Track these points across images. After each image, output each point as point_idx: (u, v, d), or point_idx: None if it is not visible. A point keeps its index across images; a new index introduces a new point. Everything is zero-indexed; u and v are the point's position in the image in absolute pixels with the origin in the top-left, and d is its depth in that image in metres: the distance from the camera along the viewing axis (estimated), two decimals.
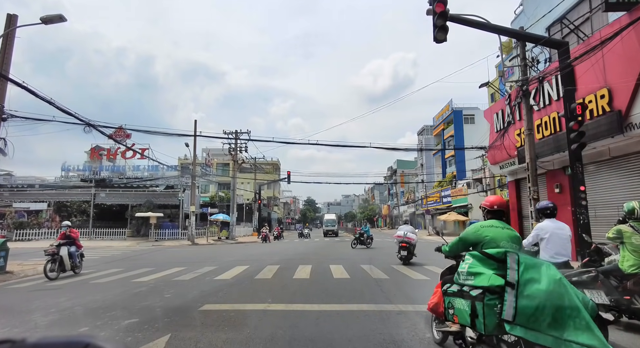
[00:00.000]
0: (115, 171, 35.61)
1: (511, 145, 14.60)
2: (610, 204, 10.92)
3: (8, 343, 0.68)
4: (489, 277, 2.98)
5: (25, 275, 10.49)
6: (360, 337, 4.50)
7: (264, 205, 51.15)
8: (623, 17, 9.46)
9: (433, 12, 8.89)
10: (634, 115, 9.47)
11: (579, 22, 12.35)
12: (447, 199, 41.64)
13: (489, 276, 2.99)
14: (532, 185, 11.36)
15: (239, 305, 6.25)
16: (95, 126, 15.69)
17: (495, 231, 3.30)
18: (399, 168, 72.34)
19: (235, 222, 32.62)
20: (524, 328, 2.68)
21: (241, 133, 32.01)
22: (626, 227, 4.79)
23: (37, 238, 28.17)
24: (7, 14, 11.56)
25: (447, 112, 48.80)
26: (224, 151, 33.86)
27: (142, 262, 13.64)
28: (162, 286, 8.27)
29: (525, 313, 2.68)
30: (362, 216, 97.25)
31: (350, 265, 11.76)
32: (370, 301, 6.43)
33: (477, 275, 3.08)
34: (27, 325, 5.20)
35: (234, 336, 4.54)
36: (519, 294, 2.74)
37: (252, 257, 15.25)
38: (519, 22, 15.19)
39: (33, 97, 11.64)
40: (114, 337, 4.53)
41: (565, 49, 9.85)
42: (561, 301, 2.71)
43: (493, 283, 2.91)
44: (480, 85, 16.05)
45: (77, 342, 0.69)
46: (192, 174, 28.74)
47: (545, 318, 2.67)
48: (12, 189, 33.51)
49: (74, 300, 6.83)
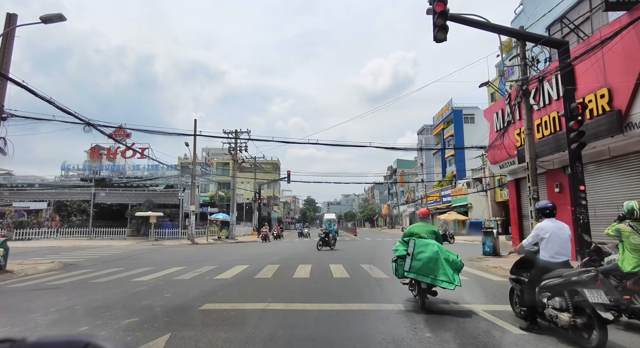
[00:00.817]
0: (115, 171, 35.62)
1: (511, 145, 14.60)
2: (610, 203, 10.92)
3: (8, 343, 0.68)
4: (400, 251, 6.16)
5: (25, 274, 10.48)
6: (360, 336, 4.51)
7: (264, 205, 51.16)
8: (623, 16, 9.46)
9: (433, 12, 8.89)
10: (634, 114, 9.47)
11: (579, 22, 12.34)
12: (447, 199, 41.69)
13: (400, 251, 6.16)
14: (532, 185, 11.36)
15: (239, 305, 6.26)
16: (95, 126, 15.68)
17: (419, 228, 6.22)
18: (398, 167, 72.36)
19: (235, 221, 32.62)
20: (415, 274, 5.74)
21: (241, 132, 32.00)
22: (625, 226, 4.80)
23: (37, 238, 28.18)
24: (7, 13, 11.54)
25: (447, 112, 48.81)
26: (224, 150, 33.88)
27: (142, 261, 13.65)
28: (162, 285, 8.27)
29: (415, 267, 5.72)
30: (362, 216, 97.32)
31: (350, 264, 11.77)
32: (370, 301, 6.43)
33: (397, 250, 6.28)
34: (27, 324, 5.20)
35: (234, 335, 4.55)
36: (412, 259, 5.75)
37: (252, 256, 15.25)
38: (519, 21, 15.19)
39: (33, 96, 11.64)
40: (114, 336, 4.54)
41: (565, 49, 9.85)
42: (435, 263, 5.61)
43: (401, 254, 6.10)
44: (480, 84, 16.04)
45: (77, 341, 0.69)
46: (192, 174, 28.73)
47: (426, 270, 5.63)
48: (12, 188, 33.51)
49: (74, 299, 6.83)
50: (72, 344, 0.69)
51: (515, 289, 5.30)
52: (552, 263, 4.59)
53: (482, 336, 4.51)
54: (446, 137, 49.42)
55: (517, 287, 5.24)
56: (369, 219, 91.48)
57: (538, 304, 4.59)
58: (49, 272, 11.03)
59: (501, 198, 30.86)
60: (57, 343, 0.70)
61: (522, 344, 4.20)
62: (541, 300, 4.55)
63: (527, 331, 4.59)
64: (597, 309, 3.85)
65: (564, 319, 4.13)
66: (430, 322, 5.10)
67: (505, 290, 6.29)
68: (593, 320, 3.93)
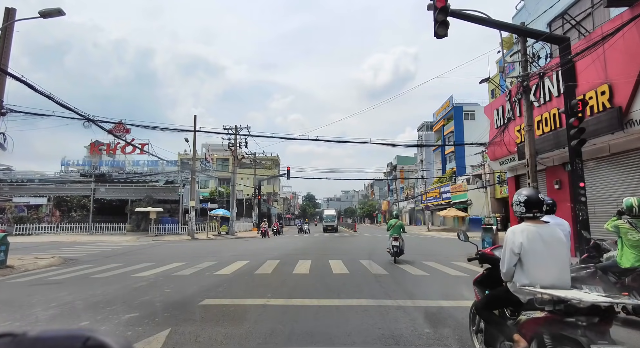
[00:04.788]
0: (115, 166, 35.54)
1: (511, 141, 14.58)
2: (610, 200, 10.93)
3: (9, 337, 0.67)
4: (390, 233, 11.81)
5: (25, 269, 10.51)
6: (359, 331, 4.53)
7: (264, 201, 51.21)
8: (625, 12, 9.41)
9: (434, 7, 8.84)
10: (635, 111, 9.45)
11: (581, 18, 12.28)
12: (447, 195, 41.72)
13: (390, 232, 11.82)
14: (532, 181, 11.35)
15: (239, 300, 6.28)
16: (94, 121, 15.65)
17: (394, 222, 11.97)
18: (398, 163, 72.33)
19: (235, 217, 32.67)
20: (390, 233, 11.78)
21: (241, 128, 31.98)
22: (623, 223, 4.80)
23: (37, 233, 28.21)
24: (5, 7, 11.47)
25: (447, 108, 48.73)
26: (224, 146, 33.82)
27: (142, 257, 13.68)
28: (162, 281, 8.30)
29: (391, 233, 11.70)
30: (361, 212, 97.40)
31: (350, 260, 11.80)
32: (370, 297, 6.46)
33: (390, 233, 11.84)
34: (27, 319, 5.22)
35: (234, 330, 4.57)
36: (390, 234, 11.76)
37: (251, 252, 15.29)
38: (520, 17, 15.10)
39: (32, 91, 11.60)
40: (114, 331, 4.56)
41: (566, 45, 9.80)
42: (397, 230, 11.65)
43: (392, 234, 11.62)
44: (480, 81, 15.99)
45: (77, 335, 0.69)
46: (191, 170, 28.73)
47: (393, 232, 11.64)
48: (11, 183, 33.48)
49: (74, 294, 6.85)
50: (73, 338, 0.68)
51: None
52: None
53: None
54: (446, 133, 49.37)
55: None
56: (369, 215, 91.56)
57: None
58: (50, 267, 11.06)
59: (501, 195, 30.89)
60: (58, 338, 0.70)
61: None
62: None
63: None
64: None
65: None
66: (429, 317, 5.12)
67: None
68: None
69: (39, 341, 0.69)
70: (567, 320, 2.37)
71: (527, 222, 2.89)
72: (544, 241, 2.80)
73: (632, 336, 4.49)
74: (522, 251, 2.80)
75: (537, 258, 2.77)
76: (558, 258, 2.80)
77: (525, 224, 2.90)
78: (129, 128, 29.72)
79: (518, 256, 2.82)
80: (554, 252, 2.79)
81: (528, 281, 2.75)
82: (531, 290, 2.63)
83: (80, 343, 0.67)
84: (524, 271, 2.80)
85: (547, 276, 2.73)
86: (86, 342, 0.67)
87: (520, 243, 2.80)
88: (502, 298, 3.02)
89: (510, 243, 2.86)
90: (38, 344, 0.68)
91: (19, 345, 0.67)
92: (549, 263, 2.77)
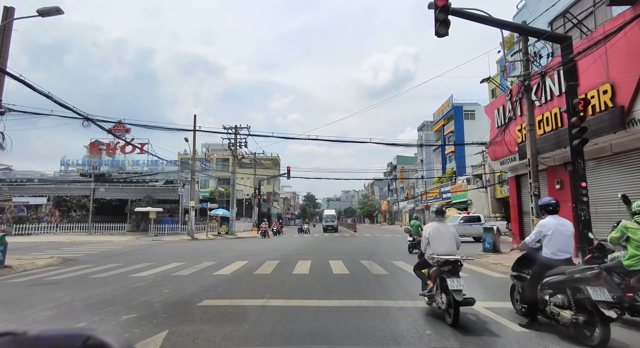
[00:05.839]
0: (114, 166, 35.48)
1: (512, 141, 14.53)
2: (611, 200, 10.87)
3: (10, 336, 0.68)
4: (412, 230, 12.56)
5: (24, 269, 10.46)
6: (359, 332, 4.47)
7: (264, 200, 51.17)
8: (627, 11, 9.36)
9: (435, 6, 8.79)
10: (637, 111, 9.40)
11: (582, 17, 12.23)
12: (447, 195, 41.65)
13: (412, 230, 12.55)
14: (533, 181, 11.30)
15: (238, 301, 6.23)
16: (93, 120, 15.59)
17: (413, 222, 13.80)
18: (398, 163, 72.27)
19: (235, 217, 32.61)
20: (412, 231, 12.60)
21: (241, 128, 31.92)
22: (632, 223, 4.76)
23: (36, 233, 28.17)
24: (4, 6, 11.41)
25: (448, 108, 48.68)
26: (224, 146, 33.78)
27: (142, 257, 13.62)
28: (161, 281, 8.24)
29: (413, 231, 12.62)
30: (361, 212, 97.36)
31: (350, 260, 11.75)
32: (370, 297, 6.41)
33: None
34: (25, 319, 5.17)
35: (233, 332, 4.51)
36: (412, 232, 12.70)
37: (251, 252, 15.24)
38: (522, 16, 15.04)
39: (31, 91, 11.52)
40: (112, 332, 4.50)
41: (567, 44, 9.74)
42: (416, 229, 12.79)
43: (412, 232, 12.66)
44: (481, 80, 15.91)
45: (78, 335, 0.70)
46: (191, 169, 28.68)
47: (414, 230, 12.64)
48: (11, 183, 33.44)
49: (72, 294, 6.79)
50: (73, 338, 0.69)
51: (517, 286, 5.27)
52: (555, 260, 4.55)
53: (482, 333, 4.48)
54: (446, 133, 49.33)
55: (518, 284, 5.21)
56: (369, 215, 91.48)
57: (539, 301, 4.56)
58: (48, 267, 11.00)
59: (501, 195, 30.83)
60: (58, 337, 0.71)
61: (523, 342, 4.17)
62: (543, 297, 4.52)
63: (527, 328, 4.56)
64: (600, 307, 3.81)
65: (566, 316, 4.09)
66: (429, 318, 5.07)
67: (506, 286, 6.26)
68: (595, 318, 3.90)
69: (39, 340, 0.70)
70: (442, 268, 4.94)
71: (435, 222, 5.59)
72: (440, 231, 5.34)
73: (632, 336, 4.44)
74: (429, 237, 5.33)
75: (437, 240, 5.28)
76: (448, 239, 5.28)
77: (433, 222, 5.59)
78: (129, 128, 29.66)
79: (428, 240, 5.34)
80: (446, 237, 5.30)
81: (432, 252, 5.24)
82: (432, 256, 5.19)
83: (81, 343, 0.68)
84: (431, 247, 5.29)
85: (442, 249, 5.19)
86: (86, 341, 0.68)
87: (428, 232, 5.36)
88: (423, 262, 5.57)
89: (424, 233, 5.45)
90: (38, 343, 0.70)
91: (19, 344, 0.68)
92: (443, 243, 5.25)
